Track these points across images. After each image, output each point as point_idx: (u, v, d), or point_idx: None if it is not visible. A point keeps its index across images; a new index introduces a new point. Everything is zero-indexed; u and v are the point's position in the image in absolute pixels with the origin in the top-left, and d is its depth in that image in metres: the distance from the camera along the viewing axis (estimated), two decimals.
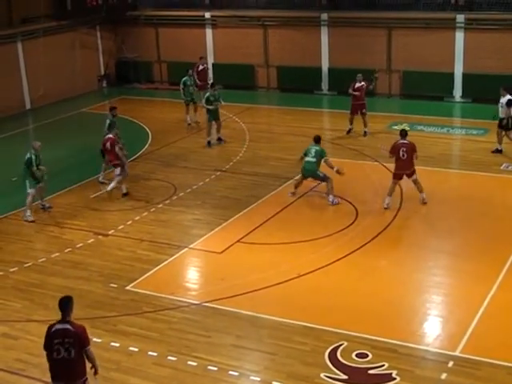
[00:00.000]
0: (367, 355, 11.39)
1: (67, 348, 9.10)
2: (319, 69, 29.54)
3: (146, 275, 14.58)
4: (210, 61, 31.55)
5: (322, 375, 10.96)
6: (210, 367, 11.34)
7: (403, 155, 16.98)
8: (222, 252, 15.43)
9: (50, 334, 9.25)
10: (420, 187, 17.28)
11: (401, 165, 17.08)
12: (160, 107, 21.39)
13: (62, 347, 9.11)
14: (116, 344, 12.12)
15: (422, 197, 17.27)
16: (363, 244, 15.35)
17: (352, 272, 14.28)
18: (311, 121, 25.56)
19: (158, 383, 11.05)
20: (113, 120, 20.02)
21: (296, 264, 14.54)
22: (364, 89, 23.13)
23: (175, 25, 32.02)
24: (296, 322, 12.49)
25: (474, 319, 12.27)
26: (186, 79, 25.12)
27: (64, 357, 9.13)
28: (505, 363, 11.06)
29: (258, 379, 11.06)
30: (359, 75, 23.27)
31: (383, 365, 11.14)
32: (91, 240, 16.42)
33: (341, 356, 11.42)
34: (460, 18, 26.84)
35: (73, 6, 31.65)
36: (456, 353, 11.39)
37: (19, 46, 28.85)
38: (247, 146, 22.86)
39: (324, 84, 29.67)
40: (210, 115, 22.89)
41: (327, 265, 14.47)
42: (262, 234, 16.20)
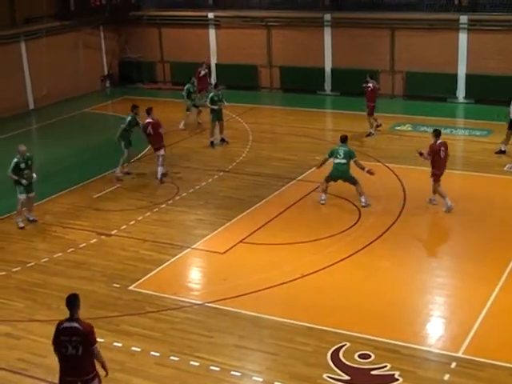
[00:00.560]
0: (370, 356, 11.37)
1: (74, 346, 9.14)
2: (322, 69, 29.54)
3: (149, 275, 14.59)
4: (213, 61, 31.62)
5: (325, 376, 10.95)
6: (213, 367, 11.34)
7: (443, 155, 16.81)
8: (225, 252, 15.43)
9: (59, 331, 9.29)
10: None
11: (441, 164, 16.85)
12: (163, 107, 21.41)
13: (70, 345, 9.15)
14: (119, 344, 12.12)
15: (433, 198, 17.17)
16: (366, 244, 15.35)
17: (355, 272, 14.27)
18: (314, 121, 25.55)
19: (161, 383, 11.05)
20: (134, 117, 20.48)
21: (299, 264, 14.54)
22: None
23: (178, 25, 32.05)
24: (298, 323, 12.48)
25: (477, 320, 12.25)
26: (189, 87, 24.99)
27: (72, 354, 9.18)
28: (507, 364, 11.04)
29: (260, 380, 11.05)
30: (369, 77, 23.41)
31: (386, 366, 11.12)
32: (94, 240, 16.43)
33: (343, 357, 11.41)
34: (463, 19, 26.83)
35: (76, 6, 31.70)
36: (459, 354, 11.37)
37: (22, 46, 28.90)
38: (250, 147, 22.85)
39: (327, 84, 29.66)
40: (214, 115, 22.87)
41: (330, 265, 14.46)
42: (265, 235, 16.20)
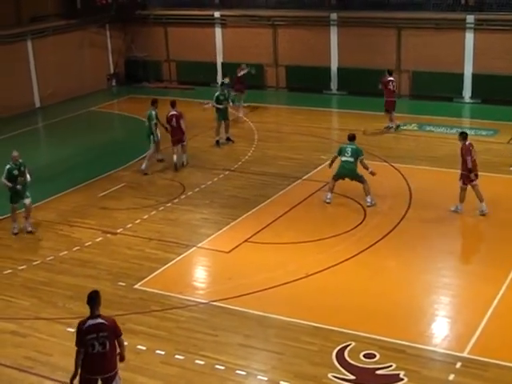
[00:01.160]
0: (375, 355, 11.37)
1: (102, 342, 9.29)
2: (328, 68, 29.51)
3: (154, 274, 14.61)
4: (219, 60, 31.63)
5: (330, 375, 10.95)
6: (218, 366, 11.35)
7: (473, 155, 16.43)
8: (230, 251, 15.44)
9: (83, 331, 9.33)
10: (481, 196, 16.61)
11: (476, 164, 16.51)
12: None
13: (97, 341, 9.27)
14: (124, 343, 12.11)
15: (482, 207, 16.62)
16: (371, 244, 15.34)
17: (360, 272, 14.26)
18: (320, 121, 25.54)
19: (166, 382, 11.07)
20: (154, 112, 20.77)
21: (304, 264, 14.54)
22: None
23: (184, 24, 32.06)
24: (304, 322, 12.49)
25: (483, 320, 12.23)
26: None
27: (99, 351, 9.30)
28: None
29: (266, 379, 11.06)
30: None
31: (391, 365, 11.12)
32: (100, 238, 16.46)
33: (348, 356, 11.41)
34: (470, 19, 26.77)
35: (82, 5, 31.79)
36: (464, 354, 11.36)
37: (29, 45, 28.96)
38: (256, 146, 22.86)
39: (333, 84, 29.64)
40: (220, 114, 22.89)
41: (335, 265, 14.46)
42: (270, 234, 16.20)
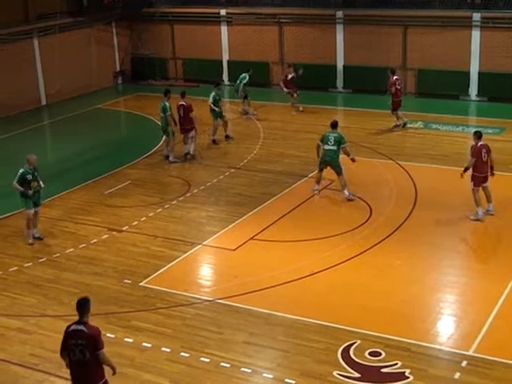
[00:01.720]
0: (380, 354, 11.37)
1: (81, 350, 9.02)
2: (334, 66, 29.48)
3: (160, 271, 14.63)
4: (225, 58, 31.63)
5: (335, 373, 10.95)
6: (223, 364, 11.36)
7: (484, 157, 16.20)
8: (236, 249, 15.45)
9: (66, 334, 9.23)
10: (490, 196, 16.51)
11: (482, 168, 16.21)
12: (174, 104, 21.51)
13: (76, 348, 9.04)
14: (129, 340, 12.16)
15: (489, 208, 16.51)
16: (377, 242, 15.32)
17: (366, 270, 14.25)
18: (326, 118, 25.33)
19: (171, 379, 11.08)
20: (168, 103, 21.16)
21: (310, 262, 14.53)
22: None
23: (190, 22, 32.09)
24: (309, 320, 12.48)
25: (488, 319, 12.22)
26: (246, 75, 25.88)
27: (79, 359, 9.06)
28: None
29: (271, 376, 11.07)
30: (388, 72, 23.42)
31: (396, 363, 11.11)
32: (105, 236, 16.48)
33: (354, 354, 11.41)
34: (476, 17, 26.70)
35: (89, 3, 31.83)
36: (470, 352, 11.35)
37: (35, 42, 29.01)
38: (261, 144, 22.86)
39: (339, 82, 29.61)
40: (215, 114, 22.83)
41: (341, 263, 14.45)
42: (276, 232, 16.20)
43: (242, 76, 26.11)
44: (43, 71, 29.35)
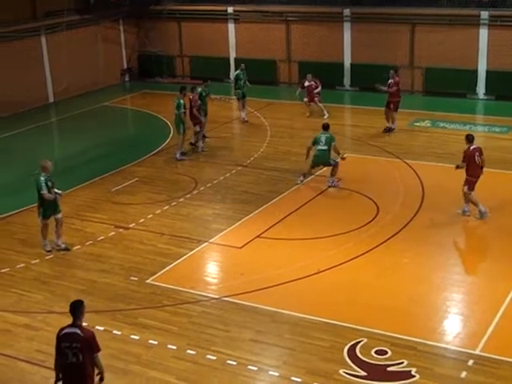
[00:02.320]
0: (386, 352, 11.36)
1: (75, 353, 8.91)
2: (341, 64, 29.47)
3: (167, 269, 14.65)
4: (232, 55, 31.64)
5: (341, 371, 10.95)
6: (229, 361, 11.37)
7: (477, 161, 16.10)
8: (242, 247, 15.46)
9: (59, 337, 9.12)
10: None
11: (476, 171, 16.15)
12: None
13: (70, 351, 8.92)
14: (136, 337, 12.19)
15: (465, 209, 16.49)
16: (384, 241, 15.31)
17: (372, 269, 14.23)
18: (332, 116, 25.44)
19: (177, 376, 11.10)
20: (182, 101, 21.33)
21: (316, 260, 14.53)
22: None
23: (198, 19, 32.10)
24: (315, 318, 12.48)
25: (495, 318, 12.20)
26: (240, 73, 25.17)
27: (72, 362, 8.95)
28: None
29: (277, 374, 11.07)
30: (392, 71, 23.10)
31: (402, 362, 11.11)
32: (112, 233, 16.51)
33: (360, 353, 11.40)
34: (484, 15, 26.65)
35: (96, 0, 31.81)
36: (476, 351, 11.33)
37: (43, 40, 29.07)
38: (268, 142, 22.85)
39: (346, 80, 29.59)
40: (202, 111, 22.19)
41: (347, 261, 14.45)
42: (282, 230, 16.20)
43: (236, 73, 25.41)
44: (51, 68, 29.40)
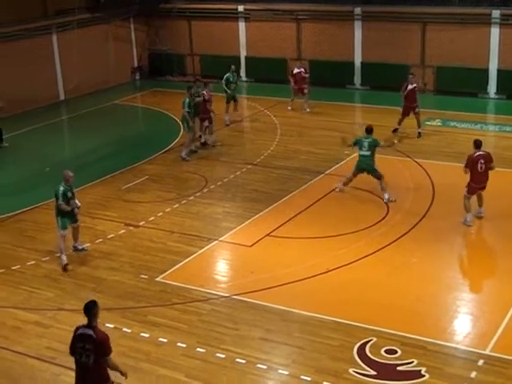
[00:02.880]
0: (396, 351, 11.34)
1: (87, 355, 8.97)
2: (352, 63, 29.40)
3: (176, 267, 14.67)
4: (243, 54, 31.62)
5: (351, 370, 10.94)
6: (239, 360, 11.38)
7: (481, 167, 15.67)
8: (252, 245, 15.46)
9: (74, 337, 9.20)
10: (482, 201, 16.25)
11: (478, 178, 15.75)
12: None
13: (84, 352, 9.00)
14: (145, 335, 12.21)
15: (480, 211, 16.29)
16: (394, 240, 15.28)
17: (382, 268, 14.21)
18: (343, 115, 25.45)
19: (187, 374, 11.11)
20: (188, 98, 21.17)
21: (325, 259, 14.52)
22: (416, 91, 22.33)
23: (208, 18, 32.10)
24: (325, 317, 12.48)
25: (505, 318, 12.15)
26: (229, 76, 24.43)
27: (84, 362, 9.03)
28: None
29: (286, 373, 11.08)
30: (410, 76, 22.66)
31: (412, 361, 11.09)
32: (122, 231, 16.54)
33: (370, 352, 11.38)
34: (496, 14, 26.51)
35: None
36: (486, 351, 11.30)
37: (54, 38, 29.13)
38: (278, 140, 22.83)
39: (356, 78, 29.53)
40: (194, 111, 21.50)
41: (357, 260, 14.43)
42: (292, 228, 16.19)
43: (226, 76, 24.32)
44: (61, 67, 29.46)
